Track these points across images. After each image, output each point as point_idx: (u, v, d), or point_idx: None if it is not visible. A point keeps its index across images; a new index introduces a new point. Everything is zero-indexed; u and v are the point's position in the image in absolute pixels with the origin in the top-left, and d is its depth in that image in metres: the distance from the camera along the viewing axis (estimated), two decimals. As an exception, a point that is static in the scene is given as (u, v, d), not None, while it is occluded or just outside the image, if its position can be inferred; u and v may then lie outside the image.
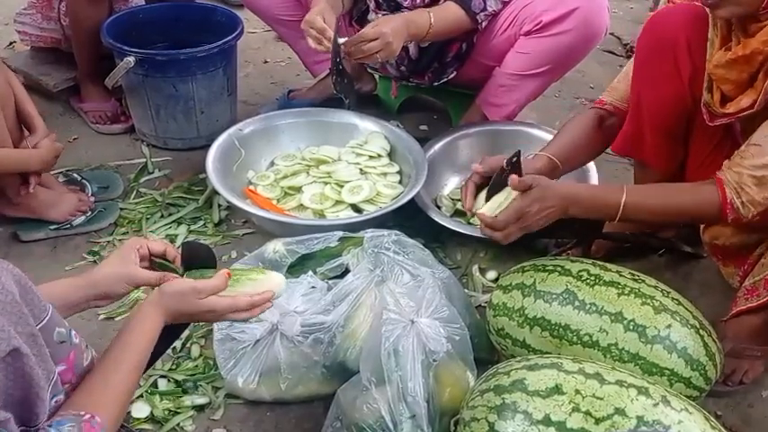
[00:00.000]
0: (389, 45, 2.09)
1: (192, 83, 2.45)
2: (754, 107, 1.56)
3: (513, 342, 1.69)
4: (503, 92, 2.40)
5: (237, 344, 1.68)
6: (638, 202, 1.66)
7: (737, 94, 1.59)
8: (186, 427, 1.67)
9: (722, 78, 1.59)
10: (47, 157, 2.09)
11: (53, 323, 1.11)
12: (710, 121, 1.66)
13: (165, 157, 2.56)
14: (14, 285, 1.03)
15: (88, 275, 1.36)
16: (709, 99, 1.64)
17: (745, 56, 1.52)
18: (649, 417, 1.33)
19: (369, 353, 1.54)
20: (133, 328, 1.26)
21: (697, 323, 1.59)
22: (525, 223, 1.65)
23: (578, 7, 2.16)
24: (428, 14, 2.18)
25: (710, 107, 1.65)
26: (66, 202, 2.21)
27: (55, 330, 1.12)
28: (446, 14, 2.22)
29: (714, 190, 1.61)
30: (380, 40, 2.08)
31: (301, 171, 2.31)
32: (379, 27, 2.10)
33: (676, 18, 1.69)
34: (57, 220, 2.18)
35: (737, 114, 1.60)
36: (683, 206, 1.67)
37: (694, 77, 1.68)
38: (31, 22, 2.66)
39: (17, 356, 1.00)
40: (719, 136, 1.75)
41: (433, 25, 2.18)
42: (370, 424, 1.49)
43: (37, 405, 1.05)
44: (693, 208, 1.66)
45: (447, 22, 2.22)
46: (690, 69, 1.68)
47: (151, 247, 1.40)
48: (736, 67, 1.55)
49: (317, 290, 1.71)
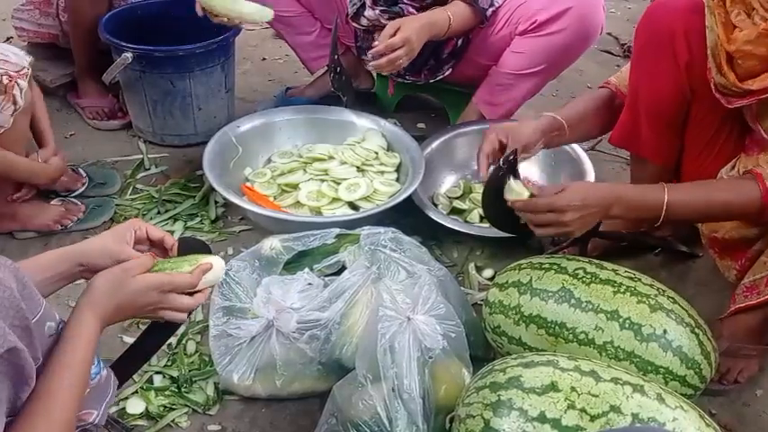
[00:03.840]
0: (413, 51, 2.12)
1: (190, 79, 2.45)
2: None
3: (509, 340, 1.69)
4: (499, 91, 2.40)
5: (233, 340, 1.68)
6: (681, 200, 1.62)
7: (760, 71, 1.54)
8: (181, 423, 1.67)
9: (749, 54, 1.53)
10: (54, 174, 2.12)
11: (45, 317, 1.11)
12: (728, 103, 1.61)
13: (162, 153, 2.56)
14: (13, 281, 1.03)
15: (78, 245, 1.33)
16: (723, 81, 1.58)
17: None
18: (644, 414, 1.33)
19: (365, 350, 1.54)
20: (67, 342, 1.14)
21: (692, 322, 1.59)
22: (563, 229, 1.64)
23: (573, 6, 2.16)
24: (447, 13, 2.19)
25: (727, 88, 1.59)
26: (51, 211, 2.19)
27: (46, 324, 1.11)
28: (458, 12, 2.23)
29: (754, 185, 1.59)
30: (407, 47, 2.09)
31: (298, 168, 2.31)
32: (404, 33, 2.09)
33: (673, 7, 1.69)
34: (41, 228, 2.17)
35: (761, 94, 1.55)
36: (726, 202, 1.63)
37: (692, 66, 1.67)
38: (28, 18, 2.66)
39: (14, 353, 1.01)
40: (717, 125, 1.75)
41: (452, 24, 2.19)
42: (365, 420, 1.49)
43: (25, 392, 1.07)
44: (737, 204, 1.62)
45: (461, 19, 2.24)
46: (687, 58, 1.67)
47: (150, 231, 1.37)
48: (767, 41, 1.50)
49: (314, 287, 1.71)
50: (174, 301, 1.28)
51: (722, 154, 1.76)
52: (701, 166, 1.69)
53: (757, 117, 1.66)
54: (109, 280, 1.22)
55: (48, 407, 1.08)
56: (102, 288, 1.21)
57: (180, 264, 1.32)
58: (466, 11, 2.24)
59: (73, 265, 1.28)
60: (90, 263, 1.28)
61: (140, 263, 1.26)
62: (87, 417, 1.22)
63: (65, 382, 1.11)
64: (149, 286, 1.24)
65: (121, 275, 1.22)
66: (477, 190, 2.27)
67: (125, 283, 1.22)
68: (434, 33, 2.19)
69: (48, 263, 1.27)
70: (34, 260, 1.27)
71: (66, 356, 1.13)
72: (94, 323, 1.18)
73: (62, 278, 1.28)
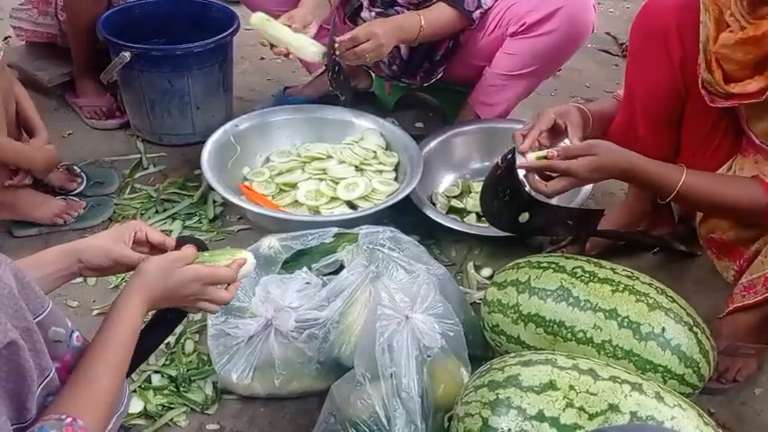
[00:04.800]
0: (381, 47, 2.12)
1: (188, 78, 2.45)
2: (762, 97, 1.54)
3: (507, 339, 1.69)
4: (493, 91, 2.40)
5: (231, 339, 1.68)
6: (696, 184, 1.64)
7: (742, 75, 1.57)
8: (179, 422, 1.67)
9: (726, 58, 1.57)
10: (45, 160, 2.09)
11: (50, 320, 1.10)
12: (711, 101, 1.64)
13: (160, 152, 2.56)
14: (12, 279, 1.03)
15: (78, 242, 1.34)
16: (709, 78, 1.61)
17: (756, 37, 1.50)
18: (643, 413, 1.33)
19: (363, 348, 1.54)
20: (114, 321, 1.19)
21: (691, 320, 1.59)
22: (578, 182, 1.66)
23: (562, 7, 2.15)
24: (419, 17, 2.20)
25: (712, 86, 1.62)
26: (53, 205, 2.19)
27: (51, 328, 1.11)
28: (438, 16, 2.23)
29: (760, 190, 1.61)
30: (372, 41, 2.10)
31: (297, 167, 2.31)
32: (371, 28, 2.12)
33: (667, 5, 1.70)
34: (41, 220, 2.17)
35: (743, 99, 1.58)
36: (735, 197, 1.65)
37: (686, 62, 1.68)
38: (27, 18, 2.65)
39: (13, 349, 1.00)
40: (712, 122, 1.75)
41: (424, 28, 2.20)
42: (364, 419, 1.49)
43: (28, 399, 1.05)
44: (746, 200, 1.64)
45: (439, 23, 2.24)
46: (681, 54, 1.68)
47: (149, 234, 1.38)
48: (744, 48, 1.53)
49: (312, 286, 1.71)
50: (215, 293, 1.32)
51: (718, 153, 1.76)
52: (697, 165, 1.70)
53: (747, 121, 1.67)
54: (160, 267, 1.25)
55: (89, 388, 1.11)
56: (154, 273, 1.24)
57: (218, 257, 1.36)
58: (450, 14, 2.24)
59: (73, 261, 1.29)
60: (88, 260, 1.29)
61: (185, 254, 1.31)
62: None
63: (108, 364, 1.14)
64: (195, 277, 1.28)
65: (172, 263, 1.27)
66: (476, 189, 2.27)
67: (174, 272, 1.26)
68: (403, 37, 2.20)
69: (49, 259, 1.28)
70: (35, 257, 1.27)
71: (111, 338, 1.17)
72: (142, 306, 1.22)
73: (63, 274, 1.29)
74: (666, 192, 1.66)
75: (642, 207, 2.06)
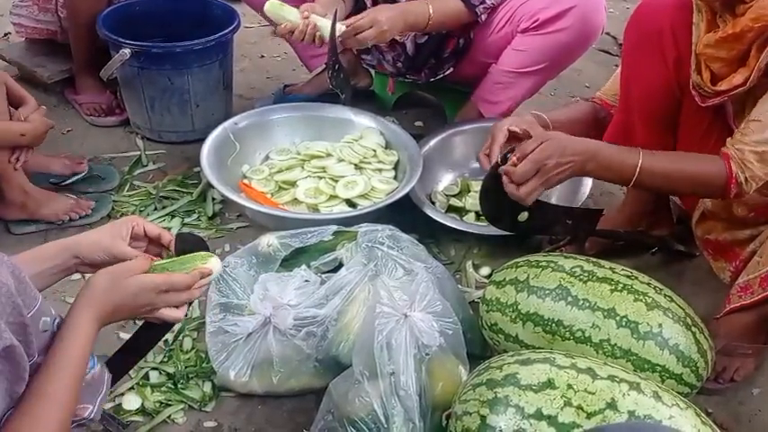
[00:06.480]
0: (383, 33, 2.11)
1: (188, 76, 2.45)
2: (747, 84, 1.57)
3: (505, 337, 1.69)
4: (499, 89, 2.40)
5: (230, 337, 1.68)
6: (654, 166, 1.64)
7: (728, 73, 1.60)
8: (177, 419, 1.67)
9: (712, 57, 1.59)
10: (38, 130, 2.02)
11: (40, 312, 1.11)
12: (702, 102, 1.67)
13: (160, 150, 2.56)
14: (10, 277, 1.03)
15: (75, 237, 1.33)
16: (698, 80, 1.64)
17: (735, 34, 1.54)
18: (641, 412, 1.33)
19: (361, 346, 1.54)
20: (64, 340, 1.14)
21: (689, 320, 1.59)
22: (544, 177, 1.64)
23: (575, 5, 2.16)
24: (427, 6, 2.18)
25: (701, 88, 1.65)
26: (61, 202, 2.19)
27: (41, 320, 1.11)
28: (445, 7, 2.22)
29: (722, 164, 1.61)
30: (375, 27, 2.09)
31: (296, 165, 2.31)
32: (374, 14, 2.11)
33: (661, 5, 1.71)
34: (48, 218, 2.17)
35: (730, 92, 1.60)
36: (695, 174, 1.65)
37: (680, 63, 1.69)
38: (27, 15, 2.65)
39: (10, 352, 1.01)
40: (708, 122, 1.76)
41: (432, 17, 2.19)
42: (362, 417, 1.49)
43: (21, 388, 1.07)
44: (704, 177, 1.64)
45: (446, 14, 2.23)
46: (675, 55, 1.69)
47: (147, 228, 1.37)
48: (726, 45, 1.56)
49: (311, 283, 1.71)
50: (170, 298, 1.27)
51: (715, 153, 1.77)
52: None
53: (735, 117, 1.68)
54: (107, 279, 1.21)
55: (44, 407, 1.08)
56: (101, 287, 1.20)
57: (178, 265, 1.31)
58: (455, 6, 2.23)
59: (69, 257, 1.28)
60: (85, 256, 1.29)
61: (138, 264, 1.25)
62: (83, 412, 1.22)
63: (61, 383, 1.11)
64: (146, 287, 1.23)
65: (119, 275, 1.22)
66: (475, 188, 2.27)
67: (123, 284, 1.21)
68: (410, 23, 2.17)
69: (46, 254, 1.28)
70: (32, 252, 1.27)
71: (63, 357, 1.13)
72: (92, 323, 1.18)
73: (59, 270, 1.29)
74: (628, 175, 1.65)
75: (641, 207, 2.06)
